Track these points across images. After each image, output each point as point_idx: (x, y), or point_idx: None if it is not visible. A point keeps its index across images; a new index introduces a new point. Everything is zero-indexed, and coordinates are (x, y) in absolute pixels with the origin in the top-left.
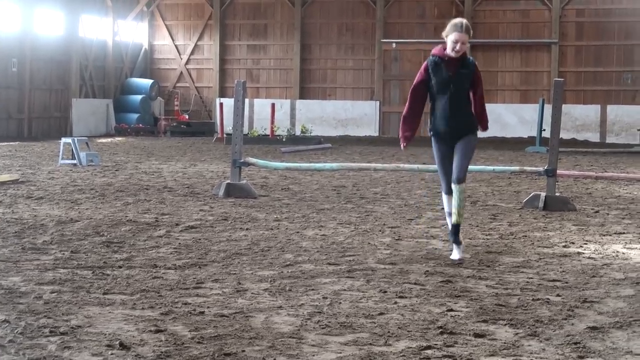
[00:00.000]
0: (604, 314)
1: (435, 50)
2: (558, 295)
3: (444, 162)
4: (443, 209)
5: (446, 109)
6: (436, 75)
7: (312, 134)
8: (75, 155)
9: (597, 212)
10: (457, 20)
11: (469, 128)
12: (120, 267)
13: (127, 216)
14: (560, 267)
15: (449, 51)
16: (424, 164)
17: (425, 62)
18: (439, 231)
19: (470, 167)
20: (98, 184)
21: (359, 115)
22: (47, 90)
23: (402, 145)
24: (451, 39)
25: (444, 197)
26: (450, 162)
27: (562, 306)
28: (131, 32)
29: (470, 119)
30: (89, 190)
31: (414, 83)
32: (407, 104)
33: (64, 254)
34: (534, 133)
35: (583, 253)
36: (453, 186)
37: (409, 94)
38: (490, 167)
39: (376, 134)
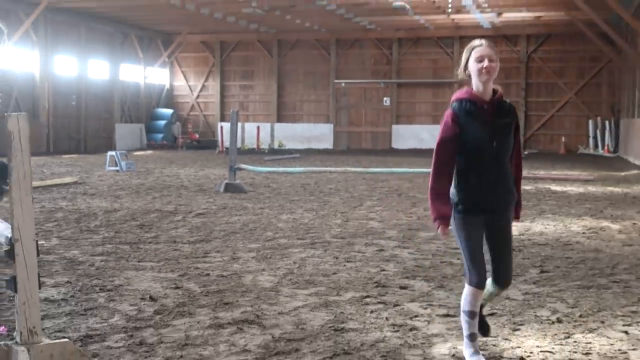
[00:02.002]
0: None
1: (461, 93)
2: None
3: (480, 246)
4: (458, 305)
5: (489, 175)
6: (470, 128)
7: (286, 148)
8: (118, 164)
9: None
10: (473, 41)
11: (511, 198)
12: (149, 242)
13: (154, 206)
14: None
15: (476, 80)
16: (364, 167)
17: (450, 110)
18: (374, 215)
19: (397, 170)
20: (134, 184)
21: (319, 134)
22: (97, 118)
23: (440, 232)
24: (475, 56)
25: (469, 290)
26: (482, 243)
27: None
28: (157, 76)
29: (513, 186)
30: (127, 189)
31: (438, 141)
32: (432, 170)
33: (109, 233)
34: None
35: None
36: (497, 288)
37: (434, 156)
38: (411, 169)
39: (331, 147)
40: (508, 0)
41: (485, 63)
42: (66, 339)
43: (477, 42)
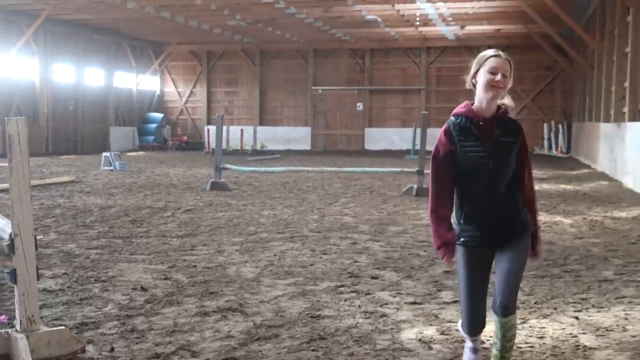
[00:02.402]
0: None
1: (460, 107)
2: (425, 250)
3: (477, 284)
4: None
5: (485, 199)
6: (465, 146)
7: (267, 149)
8: (112, 164)
9: None
10: (488, 50)
11: (520, 226)
12: (141, 236)
13: (145, 203)
14: (426, 232)
15: (481, 93)
16: (339, 166)
17: (446, 126)
18: (348, 211)
19: (369, 169)
20: (127, 183)
21: (298, 136)
22: (93, 122)
23: (444, 260)
24: (487, 69)
25: (464, 336)
26: (486, 284)
27: (427, 258)
28: (148, 83)
29: (520, 212)
30: (120, 187)
31: (432, 159)
32: (430, 192)
33: (104, 228)
34: (410, 146)
35: None
36: (497, 318)
37: (431, 176)
38: (382, 169)
39: (309, 148)
40: (470, 14)
41: (498, 77)
42: (63, 327)
43: (492, 52)
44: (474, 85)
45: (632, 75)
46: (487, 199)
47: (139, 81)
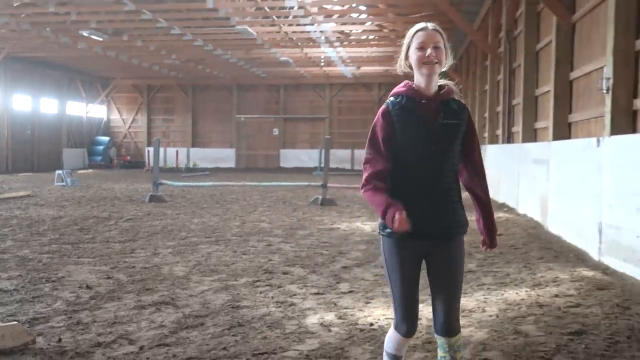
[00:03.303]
0: (351, 259)
1: (399, 87)
2: (327, 250)
3: (409, 281)
4: None
5: (423, 186)
6: (405, 129)
7: (198, 167)
8: (64, 180)
9: (348, 205)
10: (417, 25)
11: (458, 224)
12: (87, 242)
13: (92, 214)
14: (329, 235)
15: (417, 72)
16: (258, 181)
17: (384, 106)
18: (265, 218)
19: (283, 183)
20: (77, 196)
21: (224, 156)
22: (48, 144)
23: (397, 222)
24: (415, 45)
25: (394, 334)
26: (418, 279)
27: (329, 256)
28: (97, 111)
29: (461, 207)
30: (71, 200)
31: (369, 143)
32: (365, 173)
33: (55, 236)
34: (317, 164)
35: (340, 227)
36: (442, 340)
37: (366, 159)
38: (293, 183)
39: (234, 166)
40: (364, 57)
41: (428, 51)
42: (15, 322)
43: (420, 25)
44: (411, 68)
45: (490, 108)
46: (425, 186)
47: (88, 110)
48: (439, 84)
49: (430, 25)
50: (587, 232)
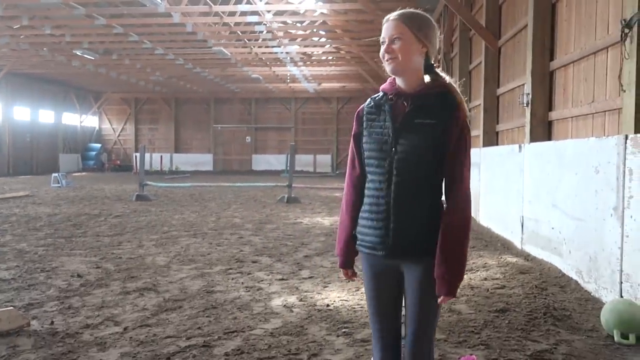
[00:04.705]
0: (311, 249)
1: (384, 84)
2: (291, 241)
3: (380, 298)
4: None
5: (383, 195)
6: (372, 126)
7: (180, 170)
8: (60, 182)
9: (310, 203)
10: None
11: (426, 246)
12: (79, 236)
13: (84, 211)
14: (293, 229)
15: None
16: (232, 182)
17: (362, 106)
18: (238, 214)
19: (254, 184)
20: (71, 196)
21: (203, 161)
22: (45, 150)
23: (344, 275)
24: (381, 40)
25: None
26: (393, 300)
27: (293, 246)
28: (89, 121)
29: (431, 222)
30: (65, 199)
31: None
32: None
33: (50, 231)
34: (284, 167)
35: (303, 222)
36: None
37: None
38: (263, 184)
39: (212, 169)
40: (324, 75)
41: (384, 48)
42: (11, 307)
43: (386, 17)
44: None
45: None
46: (386, 194)
47: (82, 120)
48: (431, 78)
49: (393, 14)
50: (511, 224)
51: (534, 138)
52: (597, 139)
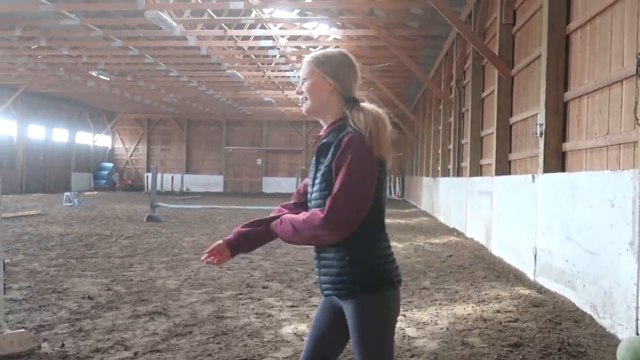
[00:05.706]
0: None
1: None
2: (302, 267)
3: (318, 336)
4: None
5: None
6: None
7: (191, 191)
8: (72, 201)
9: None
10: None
11: (349, 288)
12: (91, 257)
13: (96, 231)
14: (304, 254)
15: None
16: (243, 205)
17: None
18: None
19: (263, 207)
20: (82, 215)
21: (214, 182)
22: (58, 168)
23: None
24: None
25: None
26: (322, 331)
27: (303, 272)
28: (102, 141)
29: (345, 263)
30: (77, 218)
31: None
32: None
33: (62, 251)
34: (294, 190)
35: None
36: None
37: None
38: (272, 207)
39: (222, 190)
40: None
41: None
42: (23, 329)
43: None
44: None
45: (442, 145)
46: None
47: (95, 139)
48: (338, 118)
49: (305, 58)
50: (524, 255)
51: (547, 169)
52: (612, 172)
